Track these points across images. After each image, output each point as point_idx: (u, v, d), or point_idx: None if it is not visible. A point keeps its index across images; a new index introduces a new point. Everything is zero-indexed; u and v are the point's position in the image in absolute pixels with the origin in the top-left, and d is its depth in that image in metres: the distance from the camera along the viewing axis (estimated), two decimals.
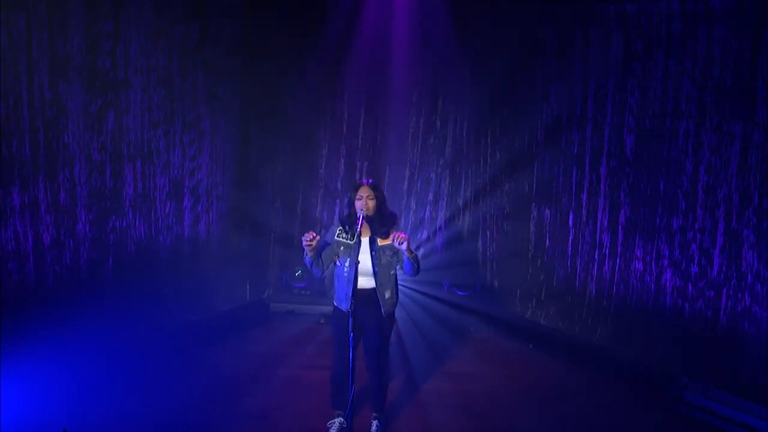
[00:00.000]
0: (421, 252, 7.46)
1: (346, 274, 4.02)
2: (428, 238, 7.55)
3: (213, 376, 5.36)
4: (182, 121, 6.30)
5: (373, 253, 4.05)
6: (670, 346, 5.66)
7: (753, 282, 5.22)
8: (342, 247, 4.07)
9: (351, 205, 4.12)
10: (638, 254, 6.03)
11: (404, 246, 3.86)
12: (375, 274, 4.04)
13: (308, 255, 3.93)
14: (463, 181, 7.49)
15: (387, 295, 4.10)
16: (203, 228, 6.72)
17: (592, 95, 6.38)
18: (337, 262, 4.08)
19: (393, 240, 3.91)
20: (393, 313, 4.23)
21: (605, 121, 6.28)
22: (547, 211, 6.91)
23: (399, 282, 4.29)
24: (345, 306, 3.98)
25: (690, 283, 5.64)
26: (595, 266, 6.42)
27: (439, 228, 7.56)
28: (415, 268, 4.02)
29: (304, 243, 3.81)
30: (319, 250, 4.02)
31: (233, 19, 6.86)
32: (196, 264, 6.64)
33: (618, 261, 6.21)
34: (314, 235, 3.82)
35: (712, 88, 5.44)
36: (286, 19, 7.16)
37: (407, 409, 4.87)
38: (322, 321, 6.83)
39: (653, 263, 5.91)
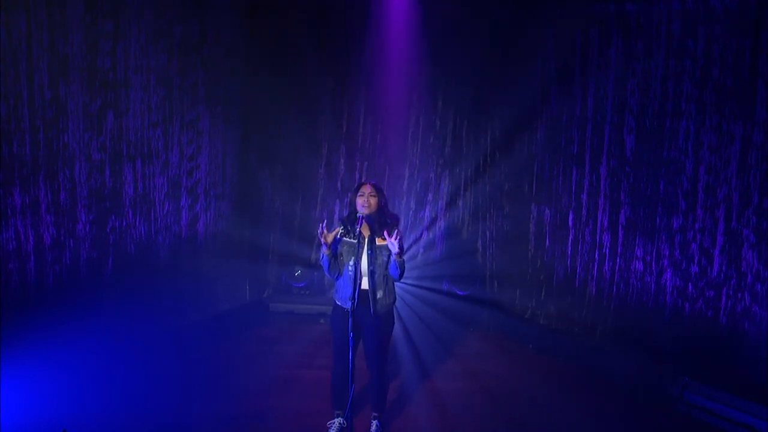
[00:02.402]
0: (420, 250, 7.46)
1: (350, 273, 4.03)
2: (427, 237, 7.55)
3: (212, 375, 5.37)
4: (181, 121, 6.29)
5: (370, 252, 4.06)
6: (670, 346, 5.66)
7: (753, 282, 5.23)
8: (345, 246, 4.09)
9: (352, 204, 4.13)
10: (638, 254, 6.03)
11: (395, 248, 3.89)
12: (370, 273, 4.06)
13: (326, 253, 3.96)
14: (462, 181, 7.49)
15: (379, 294, 4.10)
16: (202, 228, 6.72)
17: (592, 95, 6.37)
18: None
19: (386, 238, 3.93)
20: (391, 313, 4.23)
21: (605, 121, 6.28)
22: (547, 211, 6.90)
23: (403, 281, 4.30)
24: (348, 304, 3.99)
25: (690, 283, 5.64)
26: (595, 266, 6.41)
27: (439, 227, 7.56)
28: (399, 273, 4.06)
29: (320, 236, 3.91)
30: (335, 249, 4.04)
31: (233, 19, 6.85)
32: (196, 264, 6.64)
33: (618, 261, 6.21)
34: (324, 227, 3.93)
35: (712, 88, 5.44)
36: (286, 19, 7.15)
37: (408, 408, 4.87)
38: (323, 321, 6.84)
39: (653, 263, 5.91)
